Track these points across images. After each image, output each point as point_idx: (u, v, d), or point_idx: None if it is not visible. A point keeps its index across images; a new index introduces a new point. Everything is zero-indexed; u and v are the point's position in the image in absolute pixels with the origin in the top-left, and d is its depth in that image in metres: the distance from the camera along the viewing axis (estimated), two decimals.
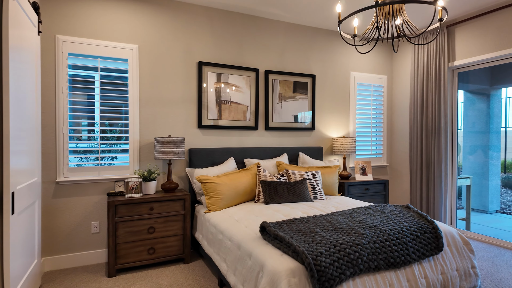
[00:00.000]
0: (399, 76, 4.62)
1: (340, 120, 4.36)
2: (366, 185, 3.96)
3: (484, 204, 5.48)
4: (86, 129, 3.01)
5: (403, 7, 1.91)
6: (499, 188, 5.61)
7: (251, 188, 3.18)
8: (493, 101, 5.51)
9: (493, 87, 5.47)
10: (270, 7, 3.51)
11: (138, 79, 3.16)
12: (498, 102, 5.57)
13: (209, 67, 3.50)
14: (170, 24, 3.32)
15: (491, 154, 5.51)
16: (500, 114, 5.63)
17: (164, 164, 3.30)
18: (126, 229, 2.76)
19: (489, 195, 5.46)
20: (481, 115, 5.58)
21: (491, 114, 5.53)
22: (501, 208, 5.82)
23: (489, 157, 5.49)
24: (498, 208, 5.63)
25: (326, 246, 1.86)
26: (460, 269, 2.29)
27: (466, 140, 5.73)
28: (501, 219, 5.14)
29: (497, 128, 5.59)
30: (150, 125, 3.23)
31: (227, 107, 3.62)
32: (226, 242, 2.35)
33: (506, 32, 3.35)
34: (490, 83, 5.43)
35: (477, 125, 5.62)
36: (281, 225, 2.21)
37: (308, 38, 4.09)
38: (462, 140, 5.85)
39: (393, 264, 1.99)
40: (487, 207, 5.46)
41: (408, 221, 2.30)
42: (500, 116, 5.63)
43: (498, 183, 5.61)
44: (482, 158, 5.55)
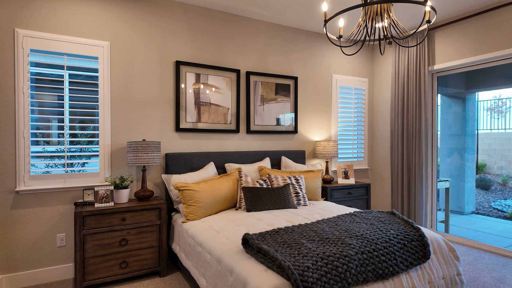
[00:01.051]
0: (380, 79, 4.62)
1: (322, 123, 4.29)
2: (348, 189, 3.90)
3: (461, 205, 5.60)
4: (51, 133, 2.75)
5: (391, 7, 1.83)
6: (474, 189, 5.76)
7: (232, 195, 3.02)
8: (468, 104, 5.66)
9: (469, 91, 5.61)
10: (250, 5, 3.38)
11: (109, 79, 2.93)
12: (473, 106, 5.73)
13: (187, 67, 3.32)
14: (145, 21, 3.11)
15: (467, 156, 5.65)
16: (475, 117, 5.79)
17: (138, 170, 3.08)
18: (95, 242, 2.53)
19: (465, 197, 5.59)
20: (457, 118, 5.71)
21: (467, 117, 5.67)
22: (476, 209, 5.99)
23: (465, 160, 5.62)
24: (474, 209, 5.78)
25: (313, 260, 1.74)
26: (446, 277, 2.24)
27: (444, 143, 5.84)
28: (477, 220, 5.26)
29: (472, 131, 5.74)
30: (122, 129, 3.01)
31: (207, 109, 3.45)
32: (205, 255, 2.18)
33: (484, 37, 3.40)
34: (466, 87, 5.57)
35: (454, 128, 5.75)
36: (265, 236, 2.07)
37: (289, 39, 4.00)
38: (439, 143, 5.97)
39: (381, 276, 1.90)
40: (463, 208, 5.58)
41: (394, 229, 2.23)
42: (475, 119, 5.79)
43: (474, 185, 5.75)
44: (458, 160, 5.67)
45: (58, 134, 2.76)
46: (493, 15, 3.31)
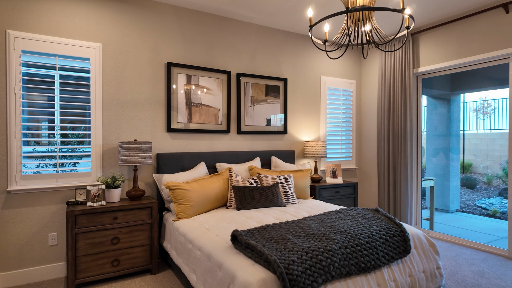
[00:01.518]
0: (368, 81, 4.74)
1: (312, 124, 4.39)
2: (336, 188, 4.01)
3: (446, 204, 5.77)
4: (43, 133, 2.78)
5: (372, 14, 1.92)
6: (459, 188, 5.94)
7: (223, 193, 3.09)
8: (453, 105, 5.83)
9: (453, 93, 5.79)
10: (241, 8, 3.46)
11: (101, 80, 2.98)
12: (458, 107, 5.91)
13: (178, 68, 3.37)
14: (136, 23, 3.16)
15: (452, 156, 5.82)
16: (459, 118, 5.98)
17: (129, 170, 3.12)
18: (87, 240, 2.57)
19: (450, 195, 5.77)
20: (443, 119, 5.88)
21: (452, 118, 5.84)
22: (461, 207, 6.17)
23: (450, 159, 5.79)
24: (458, 207, 5.96)
25: (298, 254, 1.82)
26: (426, 270, 2.35)
27: (429, 143, 6.01)
28: (461, 218, 5.43)
29: (457, 131, 5.92)
30: (114, 129, 3.05)
31: (198, 110, 3.51)
32: (195, 252, 2.24)
33: (465, 41, 3.54)
34: (451, 89, 5.74)
35: (439, 129, 5.92)
36: (253, 232, 2.14)
37: (279, 41, 4.09)
38: (425, 143, 6.13)
39: (364, 269, 2.00)
40: (448, 206, 5.75)
41: (377, 225, 2.33)
42: (459, 120, 5.98)
43: (458, 184, 5.93)
44: (443, 160, 5.84)
45: (50, 134, 2.79)
46: (473, 21, 3.46)
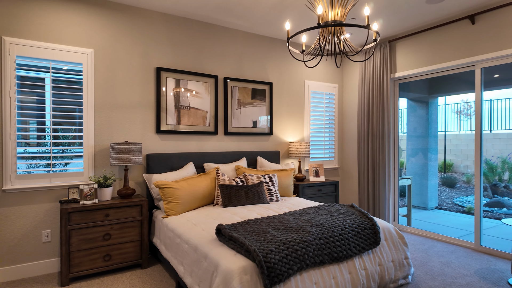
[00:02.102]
0: (349, 85, 4.99)
1: (296, 126, 4.60)
2: (319, 186, 4.23)
3: (424, 201, 6.07)
4: (37, 135, 2.90)
5: (343, 28, 2.14)
6: (437, 186, 6.25)
7: (210, 192, 3.27)
8: (431, 108, 6.14)
9: (431, 96, 6.10)
10: (227, 16, 3.64)
11: (93, 84, 3.12)
12: (435, 109, 6.22)
13: (167, 72, 3.54)
14: (127, 29, 3.31)
15: (430, 156, 6.13)
16: (437, 120, 6.29)
17: (120, 170, 3.27)
18: (80, 236, 2.71)
19: (429, 193, 6.07)
20: (421, 121, 6.19)
21: (430, 120, 6.15)
22: (439, 204, 6.49)
23: (428, 159, 6.10)
24: (436, 204, 6.27)
25: (276, 244, 2.01)
26: (395, 260, 2.58)
27: (409, 144, 6.31)
28: (438, 214, 5.72)
29: (435, 132, 6.23)
30: (105, 130, 3.19)
31: (186, 112, 3.68)
32: (183, 245, 2.42)
33: (437, 49, 3.80)
34: (429, 92, 6.05)
35: (418, 130, 6.22)
36: (236, 226, 2.33)
37: (265, 47, 4.29)
38: (405, 144, 6.43)
39: (336, 258, 2.21)
40: (427, 204, 6.05)
41: (351, 219, 2.55)
42: (437, 121, 6.29)
43: (436, 182, 6.24)
44: (422, 160, 6.14)
45: (44, 136, 2.91)
46: (443, 30, 3.73)
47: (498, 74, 5.11)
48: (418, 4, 3.30)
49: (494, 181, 7.29)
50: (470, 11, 3.46)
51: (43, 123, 2.92)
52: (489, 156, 7.59)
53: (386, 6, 3.33)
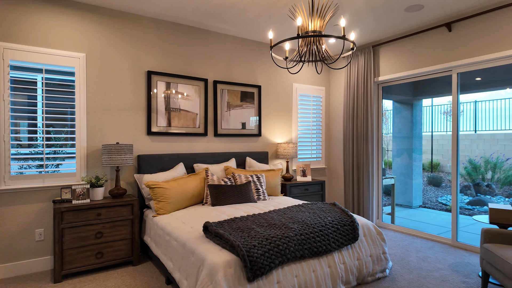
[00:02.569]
0: (335, 88, 5.16)
1: (284, 127, 4.75)
2: (305, 186, 4.38)
3: (409, 200, 6.28)
4: (31, 136, 2.99)
5: (322, 38, 2.28)
6: (421, 185, 6.47)
7: (199, 191, 3.39)
8: (415, 110, 6.36)
9: (416, 98, 6.31)
10: (217, 21, 3.77)
11: (85, 87, 3.22)
12: (420, 111, 6.44)
13: (158, 76, 3.65)
14: (119, 34, 3.41)
15: (414, 156, 6.34)
16: (422, 121, 6.51)
17: (112, 170, 3.37)
18: (73, 235, 2.81)
19: (413, 192, 6.28)
20: (406, 122, 6.40)
21: (414, 121, 6.36)
22: (423, 203, 6.71)
23: (413, 159, 6.31)
24: (421, 203, 6.49)
25: (259, 240, 2.15)
26: (373, 255, 2.74)
27: (395, 144, 6.51)
28: (422, 213, 5.93)
29: (419, 133, 6.45)
30: (97, 132, 3.29)
31: (177, 114, 3.79)
32: (172, 242, 2.54)
33: (417, 54, 3.99)
34: (413, 95, 6.26)
35: (403, 131, 6.43)
36: (223, 224, 2.46)
37: (253, 51, 4.42)
38: (391, 144, 6.63)
39: (316, 253, 2.36)
40: (411, 202, 6.26)
41: (331, 216, 2.70)
42: (422, 123, 6.51)
43: (421, 182, 6.46)
44: (407, 159, 6.35)
45: (38, 138, 3.00)
46: (422, 37, 3.91)
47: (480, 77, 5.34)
48: (398, 12, 3.47)
49: (477, 180, 7.56)
50: (446, 19, 3.64)
51: (36, 125, 3.00)
52: (473, 156, 7.86)
53: (367, 13, 3.50)
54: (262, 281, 2.04)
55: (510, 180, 7.26)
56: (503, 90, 7.51)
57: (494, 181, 7.40)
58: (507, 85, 5.62)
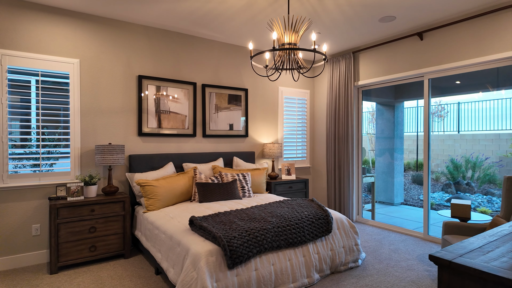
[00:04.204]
0: (319, 91, 5.42)
1: (270, 128, 4.99)
2: (290, 184, 4.63)
3: (391, 197, 6.58)
4: (27, 138, 3.18)
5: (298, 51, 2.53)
6: (402, 184, 6.78)
7: (188, 189, 3.61)
8: (397, 111, 6.66)
9: (397, 100, 6.61)
10: (205, 29, 3.99)
11: (79, 91, 3.41)
12: (401, 113, 6.75)
13: (148, 80, 3.86)
14: (111, 41, 3.61)
15: (396, 155, 6.65)
16: (403, 122, 6.82)
17: (105, 169, 3.57)
18: (68, 229, 3.01)
19: (395, 190, 6.59)
20: (388, 123, 6.70)
21: (396, 122, 6.67)
22: (405, 200, 7.03)
23: (394, 158, 6.61)
24: (402, 200, 6.80)
25: (239, 232, 2.39)
26: (346, 246, 3.00)
27: (377, 144, 6.81)
28: (403, 209, 6.24)
29: (401, 134, 6.76)
30: (91, 134, 3.49)
31: (166, 116, 4.01)
32: (161, 235, 2.76)
33: (392, 61, 4.27)
34: (395, 97, 6.56)
35: (385, 132, 6.73)
36: (207, 218, 2.69)
37: (240, 56, 4.65)
38: (374, 144, 6.93)
39: (291, 243, 2.60)
40: (393, 200, 6.57)
41: (308, 211, 2.95)
42: (403, 123, 6.82)
43: (402, 180, 6.77)
44: (389, 159, 6.65)
45: (34, 138, 3.19)
46: (397, 45, 4.19)
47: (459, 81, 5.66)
48: (372, 22, 3.74)
49: (458, 179, 7.91)
50: (418, 28, 3.93)
51: (33, 127, 3.19)
52: (456, 155, 8.21)
53: (344, 23, 3.75)
54: (241, 268, 2.27)
55: (489, 179, 7.63)
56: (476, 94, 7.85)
57: (473, 180, 7.76)
58: (479, 89, 5.95)
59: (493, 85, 5.52)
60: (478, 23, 3.40)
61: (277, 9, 3.35)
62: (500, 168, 7.37)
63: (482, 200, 6.99)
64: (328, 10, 3.37)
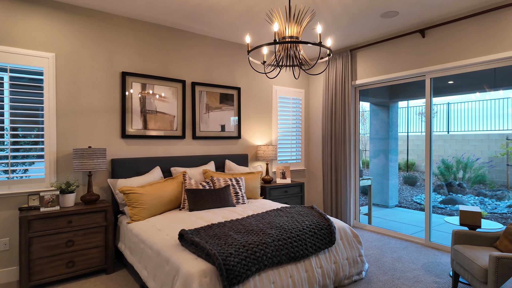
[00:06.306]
0: (314, 91, 5.20)
1: (264, 129, 4.74)
2: (285, 188, 4.40)
3: (385, 200, 6.44)
4: None
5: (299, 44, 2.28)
6: (397, 186, 6.66)
7: (177, 196, 3.32)
8: (392, 112, 6.53)
9: (392, 100, 6.48)
10: (195, 23, 3.70)
11: (55, 89, 3.07)
12: (396, 113, 6.62)
13: (133, 77, 3.54)
14: (91, 34, 3.28)
15: (391, 157, 6.51)
16: (397, 123, 6.69)
17: (84, 175, 3.24)
18: (41, 244, 2.68)
19: (389, 192, 6.45)
20: (383, 124, 6.55)
21: (391, 123, 6.53)
22: (399, 202, 6.91)
23: (389, 160, 6.48)
24: (397, 202, 6.67)
25: (236, 247, 2.13)
26: (349, 258, 2.78)
27: (372, 145, 6.66)
28: (398, 212, 6.10)
29: (395, 134, 6.63)
30: (68, 136, 3.16)
31: (153, 117, 3.70)
32: (147, 250, 2.47)
33: (392, 59, 4.08)
34: (390, 97, 6.42)
35: (380, 132, 6.59)
36: (199, 231, 2.42)
37: (233, 53, 4.38)
38: (368, 145, 6.78)
39: (293, 258, 2.36)
40: (387, 202, 6.43)
41: (309, 220, 2.71)
42: (397, 124, 6.69)
43: (396, 182, 6.65)
44: (383, 160, 6.51)
45: (4, 142, 2.84)
46: (397, 42, 4.01)
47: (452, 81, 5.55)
48: (374, 17, 3.54)
49: (450, 180, 7.87)
50: (420, 25, 3.75)
51: (6, 128, 2.84)
52: (446, 156, 8.17)
53: (345, 18, 3.54)
54: None
55: (480, 179, 7.60)
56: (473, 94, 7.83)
57: (465, 180, 7.73)
58: (476, 90, 5.87)
59: (490, 86, 5.44)
60: (485, 19, 3.24)
61: (275, 1, 3.09)
62: (491, 168, 7.36)
63: (475, 201, 6.95)
64: (329, 3, 3.14)
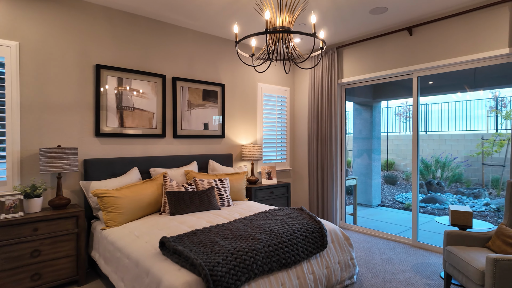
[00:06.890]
0: (300, 89, 5.09)
1: (249, 128, 4.57)
2: (271, 189, 4.24)
3: (369, 199, 6.44)
4: None
5: (291, 35, 2.13)
6: (380, 185, 6.68)
7: (157, 199, 3.08)
8: (375, 111, 6.54)
9: (375, 100, 6.49)
10: (177, 14, 3.47)
11: (18, 81, 2.76)
12: (379, 113, 6.64)
13: (108, 70, 3.27)
14: (62, 22, 2.98)
15: (374, 156, 6.52)
16: (380, 122, 6.72)
17: (53, 177, 2.94)
18: (2, 255, 2.38)
19: (373, 192, 6.45)
20: (366, 124, 6.55)
21: (374, 122, 6.54)
22: (382, 202, 6.95)
23: (372, 159, 6.48)
24: (380, 202, 6.70)
25: (224, 255, 1.94)
26: (341, 261, 2.66)
27: (355, 145, 6.65)
28: (381, 211, 6.11)
29: (378, 134, 6.65)
30: (34, 134, 2.85)
31: (130, 113, 3.44)
32: (124, 260, 2.23)
33: (378, 58, 4.03)
34: (373, 97, 6.43)
35: (363, 132, 6.58)
36: (182, 238, 2.21)
37: (217, 48, 4.18)
38: (352, 145, 6.77)
39: (284, 265, 2.20)
40: (371, 202, 6.43)
41: (299, 223, 2.57)
42: (380, 124, 6.72)
43: (379, 181, 6.67)
44: (367, 160, 6.51)
45: None
46: (384, 40, 3.96)
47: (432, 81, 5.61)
48: (363, 13, 3.46)
49: (429, 179, 8.01)
50: (408, 23, 3.71)
51: None
52: (424, 155, 8.32)
53: (333, 13, 3.43)
54: None
55: (457, 178, 7.78)
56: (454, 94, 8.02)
57: (443, 179, 7.89)
58: (457, 90, 5.98)
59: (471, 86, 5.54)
60: (472, 18, 3.23)
61: None
62: (467, 167, 7.56)
63: (454, 200, 7.10)
64: None
